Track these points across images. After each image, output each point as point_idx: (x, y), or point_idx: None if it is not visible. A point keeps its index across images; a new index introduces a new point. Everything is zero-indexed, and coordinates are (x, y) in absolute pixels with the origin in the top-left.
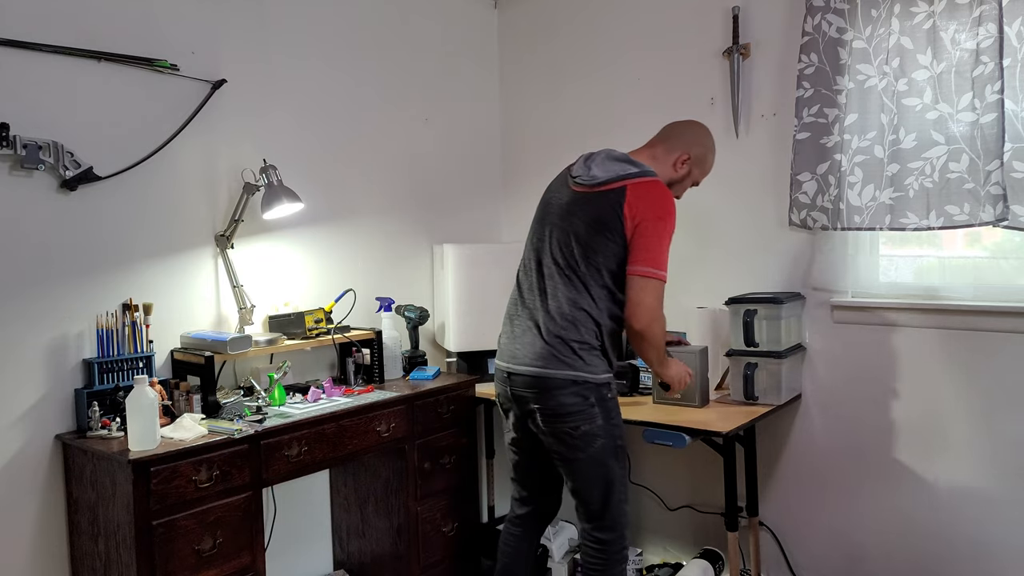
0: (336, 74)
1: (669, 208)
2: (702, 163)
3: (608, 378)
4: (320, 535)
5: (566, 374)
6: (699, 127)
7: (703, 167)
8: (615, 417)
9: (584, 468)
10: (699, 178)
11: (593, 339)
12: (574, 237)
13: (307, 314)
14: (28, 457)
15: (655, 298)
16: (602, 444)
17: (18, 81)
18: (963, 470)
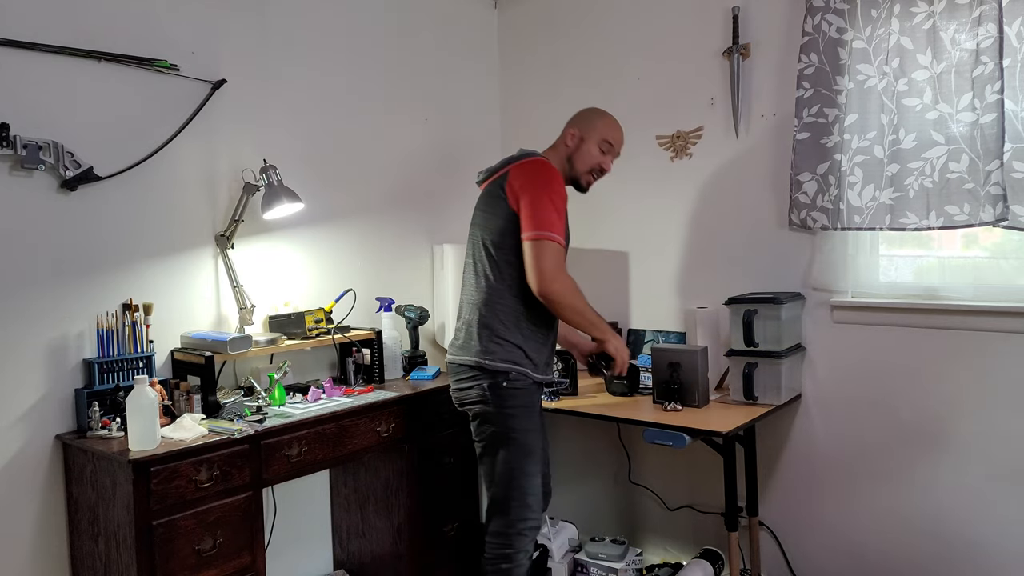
0: (336, 74)
1: (547, 177)
2: (591, 128)
3: (509, 368)
4: (320, 535)
5: (464, 359)
6: (588, 109)
7: (593, 130)
8: (512, 408)
9: (481, 455)
10: (597, 141)
11: (498, 324)
12: (480, 229)
13: (307, 314)
14: (28, 457)
15: (548, 258)
16: (492, 432)
17: (18, 81)
18: (963, 470)
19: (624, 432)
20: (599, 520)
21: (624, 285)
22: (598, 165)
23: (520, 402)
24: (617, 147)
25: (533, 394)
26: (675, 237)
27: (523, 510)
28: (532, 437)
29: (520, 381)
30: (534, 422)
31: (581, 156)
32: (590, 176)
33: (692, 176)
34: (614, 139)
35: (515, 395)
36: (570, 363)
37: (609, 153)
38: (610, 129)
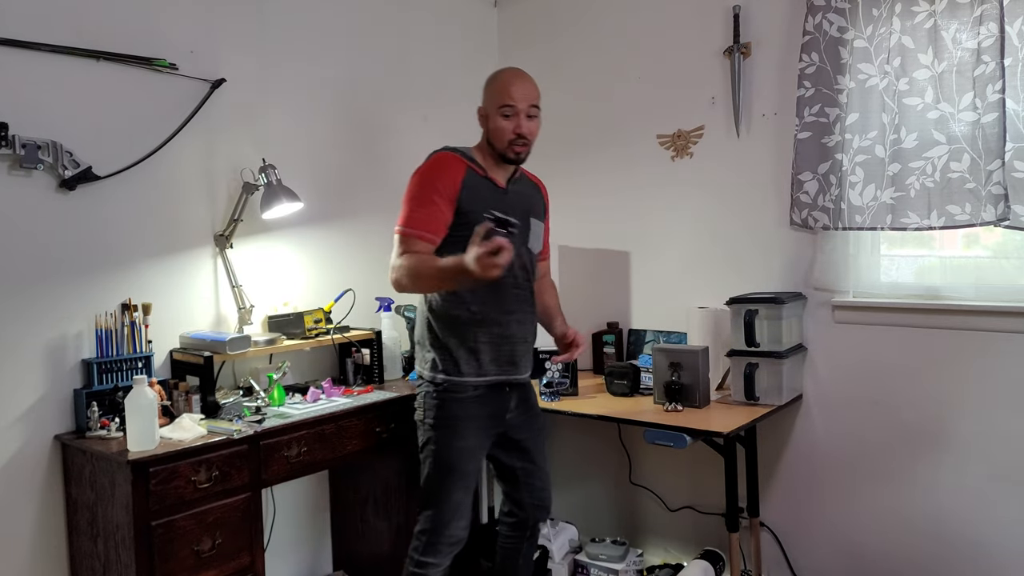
0: (335, 73)
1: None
2: (487, 99)
3: (433, 376)
4: (320, 535)
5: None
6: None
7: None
8: (435, 419)
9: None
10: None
11: (425, 332)
12: None
13: (306, 314)
14: (27, 457)
15: (396, 251)
16: (420, 441)
17: (17, 81)
18: (964, 470)
19: (625, 432)
20: (599, 521)
21: (625, 285)
22: (512, 133)
23: (446, 414)
24: (520, 103)
25: (468, 406)
26: (676, 237)
27: (441, 525)
28: (455, 453)
29: (453, 392)
30: (462, 438)
31: (493, 133)
32: (514, 148)
33: (693, 175)
34: (511, 97)
35: (442, 406)
36: (571, 363)
37: (515, 115)
38: (502, 90)
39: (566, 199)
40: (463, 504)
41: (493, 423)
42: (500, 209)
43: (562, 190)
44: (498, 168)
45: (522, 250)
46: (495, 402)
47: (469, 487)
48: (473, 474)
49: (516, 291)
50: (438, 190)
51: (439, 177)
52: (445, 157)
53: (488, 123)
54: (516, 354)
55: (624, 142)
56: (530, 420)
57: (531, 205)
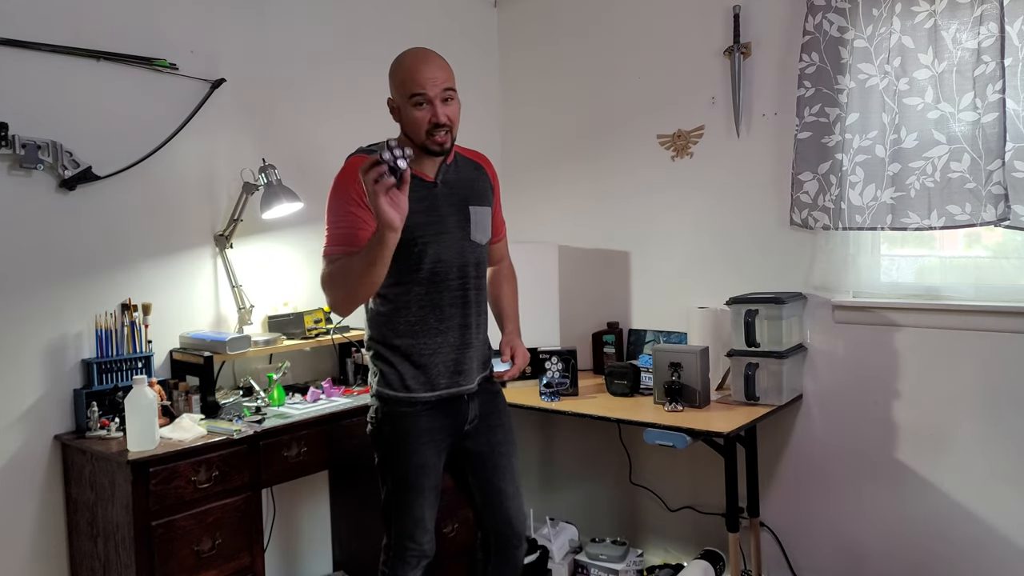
0: (335, 72)
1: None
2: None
3: (380, 391)
4: (320, 535)
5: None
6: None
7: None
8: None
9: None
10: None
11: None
12: None
13: (306, 314)
14: (27, 457)
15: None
16: (375, 458)
17: (17, 80)
18: (964, 470)
19: (625, 433)
20: (600, 521)
21: (625, 285)
22: (428, 123)
23: (396, 430)
24: (430, 88)
25: (418, 420)
26: (676, 237)
27: (405, 539)
28: (411, 471)
29: (401, 407)
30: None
31: (408, 127)
32: (434, 139)
33: (693, 175)
34: (419, 84)
35: (392, 422)
36: (571, 364)
37: (427, 102)
38: (408, 78)
39: (566, 199)
40: (424, 519)
41: (448, 435)
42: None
43: (562, 190)
44: (425, 159)
45: (463, 244)
46: (450, 414)
47: (429, 503)
48: (432, 489)
49: (459, 292)
50: (352, 200)
51: (349, 187)
52: (354, 163)
53: (401, 116)
54: (463, 362)
55: (624, 142)
56: (491, 433)
57: (470, 192)
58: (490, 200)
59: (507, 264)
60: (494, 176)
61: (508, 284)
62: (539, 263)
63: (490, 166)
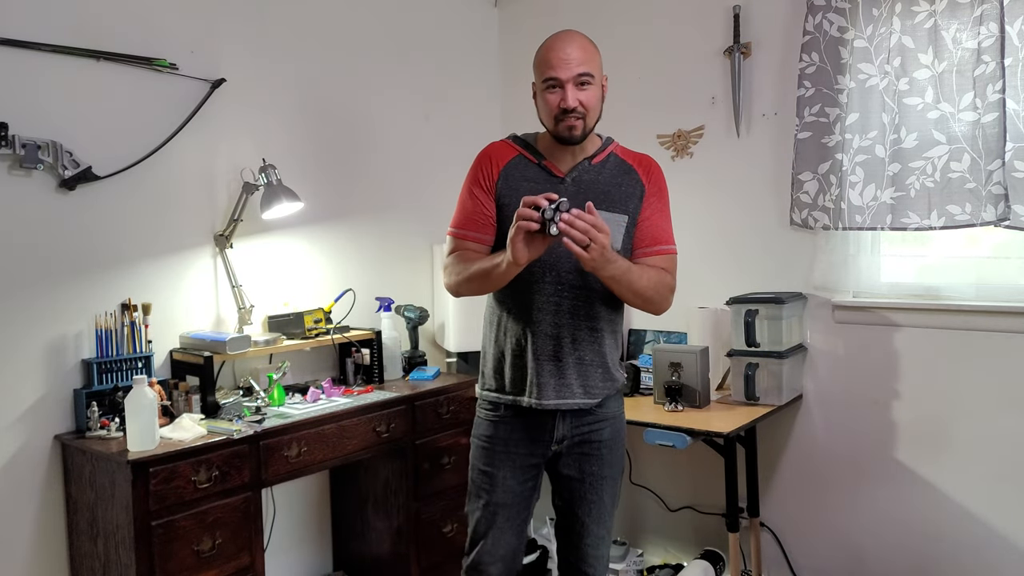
0: (335, 73)
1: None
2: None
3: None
4: (320, 535)
5: None
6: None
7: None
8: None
9: None
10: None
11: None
12: None
13: (306, 314)
14: (27, 457)
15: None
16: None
17: (17, 80)
18: (965, 471)
19: None
20: None
21: None
22: (556, 108)
23: (477, 432)
24: (561, 70)
25: (497, 427)
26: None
27: (468, 550)
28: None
29: (485, 409)
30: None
31: (541, 111)
32: (563, 125)
33: (693, 175)
34: (551, 67)
35: (477, 423)
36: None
37: (559, 86)
38: (543, 61)
39: None
40: (488, 539)
41: (530, 455)
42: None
43: None
44: (564, 152)
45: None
46: (531, 429)
47: (493, 523)
48: (500, 506)
49: (554, 299)
50: (477, 182)
51: (477, 169)
52: (491, 146)
53: (537, 100)
54: (543, 374)
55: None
56: (585, 460)
57: (604, 195)
58: (632, 208)
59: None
60: (652, 183)
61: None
62: None
63: (649, 171)
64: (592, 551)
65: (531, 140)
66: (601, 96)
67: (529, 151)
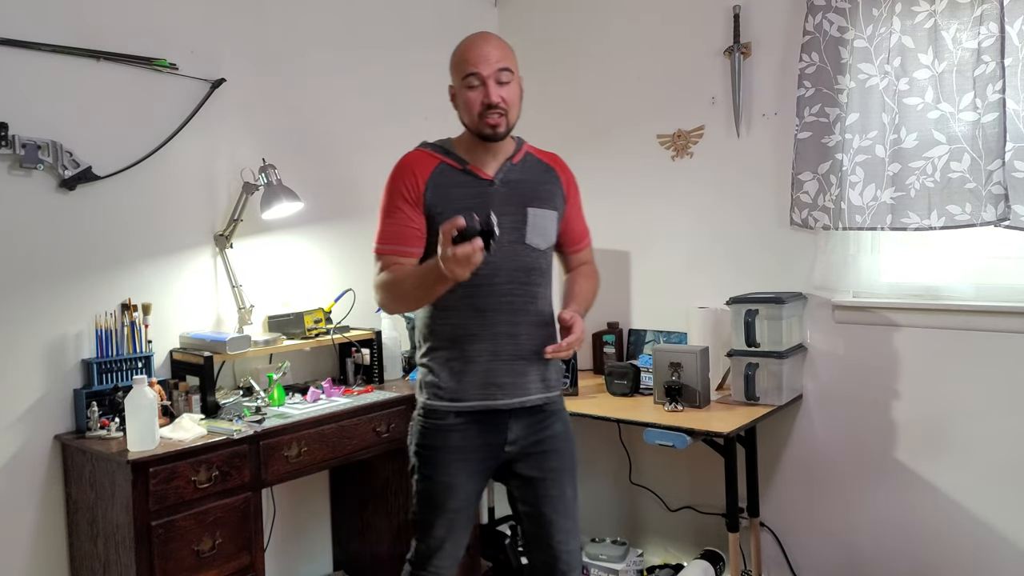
0: (335, 73)
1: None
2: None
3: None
4: (320, 535)
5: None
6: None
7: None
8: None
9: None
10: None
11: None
12: None
13: (306, 314)
14: (27, 457)
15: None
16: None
17: (17, 80)
18: (964, 471)
19: (625, 432)
20: (600, 521)
21: (625, 285)
22: (480, 104)
23: (427, 442)
24: (480, 66)
25: (449, 436)
26: (676, 237)
27: (424, 559)
28: (436, 488)
29: (435, 419)
30: (444, 473)
31: (462, 108)
32: (485, 121)
33: (693, 175)
34: (471, 63)
35: (424, 433)
36: (571, 363)
37: (482, 83)
38: (461, 58)
39: None
40: (447, 542)
41: (485, 457)
42: (482, 203)
43: None
44: (486, 155)
45: (516, 247)
46: (485, 433)
47: (454, 526)
48: (459, 512)
49: (508, 298)
50: (402, 195)
51: (400, 181)
52: (409, 157)
53: (457, 97)
54: (502, 374)
55: (624, 142)
56: (544, 458)
57: (532, 193)
58: (558, 205)
59: (590, 268)
60: (569, 180)
61: (586, 279)
62: None
63: (565, 170)
64: (564, 547)
65: (448, 146)
66: (520, 94)
67: (451, 157)
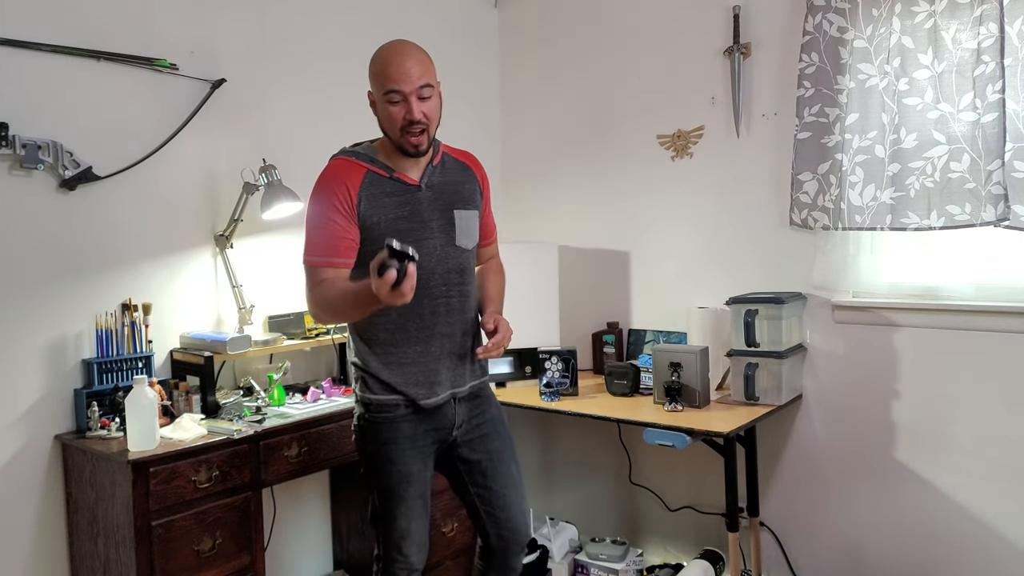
0: (335, 73)
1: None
2: (372, 85)
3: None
4: (320, 535)
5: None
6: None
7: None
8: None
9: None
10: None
11: (352, 352)
12: None
13: (306, 314)
14: (28, 457)
15: (306, 284)
16: (361, 466)
17: (17, 80)
18: (964, 470)
19: (625, 432)
20: (599, 521)
21: (624, 285)
22: (402, 120)
23: (377, 438)
24: (402, 84)
25: (399, 427)
26: (676, 237)
27: (392, 551)
28: (393, 479)
29: (382, 413)
30: (398, 462)
31: (383, 122)
32: (407, 138)
33: (693, 175)
34: (392, 79)
35: (373, 429)
36: (571, 363)
37: (403, 100)
38: (382, 72)
39: (566, 199)
40: (411, 531)
41: (433, 442)
42: (412, 211)
43: (562, 190)
44: (407, 161)
45: (447, 250)
46: (432, 419)
47: (416, 513)
48: (416, 499)
49: (443, 300)
50: (333, 206)
51: (331, 194)
52: (335, 165)
53: (377, 110)
54: (442, 371)
55: (624, 142)
56: (486, 440)
57: (456, 195)
58: (478, 203)
59: (496, 263)
60: (483, 178)
61: (495, 275)
62: (539, 263)
63: (480, 168)
64: (521, 518)
65: (371, 153)
66: (440, 104)
67: (376, 165)
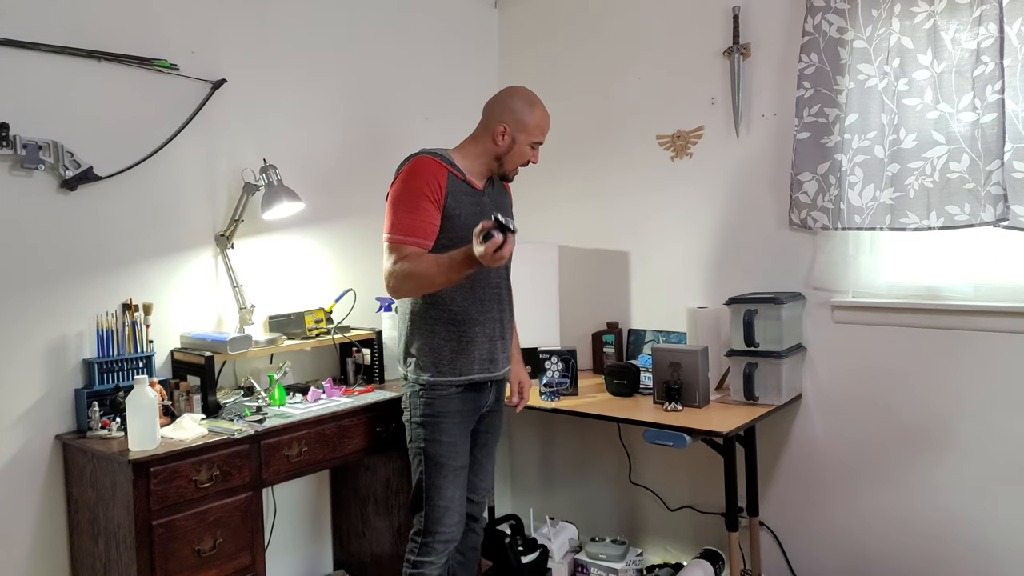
0: (336, 73)
1: (403, 176)
2: (522, 128)
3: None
4: (320, 535)
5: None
6: (507, 92)
7: (526, 128)
8: (421, 418)
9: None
10: (529, 142)
11: (409, 334)
12: None
13: (307, 314)
14: (28, 457)
15: (385, 260)
16: (408, 439)
17: (18, 81)
18: (963, 470)
19: (624, 432)
20: (599, 520)
21: (624, 285)
22: (528, 161)
23: (432, 411)
24: (543, 138)
25: (451, 402)
26: (675, 237)
27: (433, 523)
28: (444, 449)
29: (438, 390)
30: (448, 434)
31: (512, 158)
32: (517, 170)
33: (692, 176)
34: (543, 131)
35: (428, 404)
36: (571, 363)
37: (537, 148)
38: (538, 126)
39: (566, 199)
40: (455, 500)
41: (473, 418)
42: (480, 211)
43: (562, 190)
44: (478, 173)
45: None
46: (477, 397)
47: (459, 483)
48: (461, 470)
49: (495, 291)
50: (425, 195)
51: (425, 182)
52: (427, 161)
53: (513, 147)
54: (495, 351)
55: (624, 142)
56: (494, 416)
57: (502, 205)
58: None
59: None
60: (510, 195)
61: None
62: (539, 263)
63: (506, 185)
64: (483, 483)
65: (449, 157)
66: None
67: (455, 168)
